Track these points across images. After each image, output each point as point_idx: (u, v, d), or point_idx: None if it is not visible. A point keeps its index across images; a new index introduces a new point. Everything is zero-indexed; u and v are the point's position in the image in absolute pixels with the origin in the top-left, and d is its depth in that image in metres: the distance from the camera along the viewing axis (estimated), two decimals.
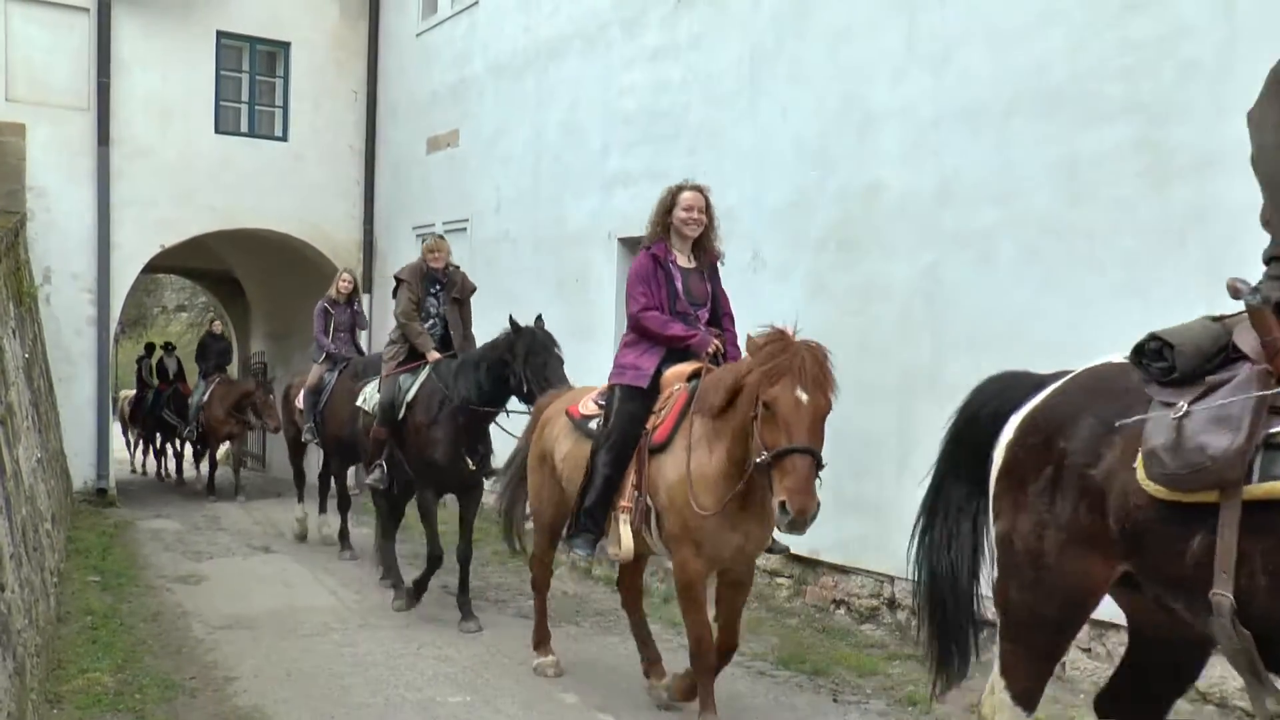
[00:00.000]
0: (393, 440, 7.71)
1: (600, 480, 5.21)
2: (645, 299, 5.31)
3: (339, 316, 10.25)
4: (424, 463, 7.40)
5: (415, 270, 7.89)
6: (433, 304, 7.91)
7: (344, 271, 10.61)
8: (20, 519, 5.64)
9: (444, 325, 7.87)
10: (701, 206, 5.43)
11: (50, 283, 12.37)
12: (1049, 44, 6.14)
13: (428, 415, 7.32)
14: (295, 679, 5.98)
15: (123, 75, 12.90)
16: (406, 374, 7.68)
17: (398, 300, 7.89)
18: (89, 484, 12.75)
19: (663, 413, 5.09)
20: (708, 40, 8.67)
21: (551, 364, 6.84)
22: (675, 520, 4.87)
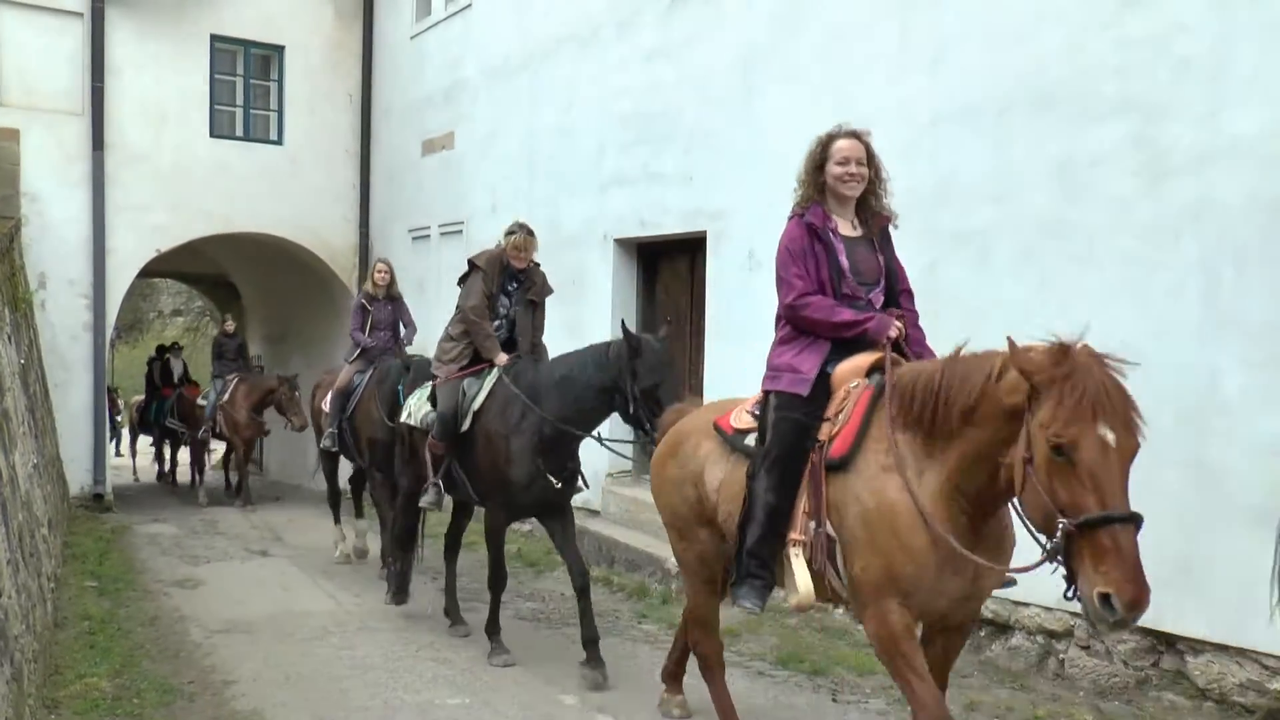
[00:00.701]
0: (454, 456, 6.63)
1: (762, 510, 4.11)
2: (802, 283, 4.21)
3: (378, 313, 9.44)
4: (498, 481, 6.32)
5: (494, 261, 6.74)
6: (504, 303, 6.83)
7: (379, 261, 9.80)
8: (16, 525, 5.62)
9: (510, 328, 6.79)
10: (861, 157, 4.37)
11: (45, 288, 12.35)
12: (1045, 43, 6.15)
13: (504, 426, 6.26)
14: (294, 682, 5.97)
15: (117, 79, 12.88)
16: (470, 379, 6.61)
17: (467, 291, 6.74)
18: (85, 489, 12.72)
19: (839, 418, 4.00)
20: (702, 40, 8.67)
21: (668, 386, 5.88)
22: (872, 561, 3.73)
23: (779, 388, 4.21)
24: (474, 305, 6.65)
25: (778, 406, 4.16)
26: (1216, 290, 5.34)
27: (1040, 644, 6.11)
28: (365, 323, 9.38)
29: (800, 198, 4.40)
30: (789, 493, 4.05)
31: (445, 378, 6.65)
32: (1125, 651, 5.67)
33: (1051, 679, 5.93)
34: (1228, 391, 5.19)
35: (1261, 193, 5.13)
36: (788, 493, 4.05)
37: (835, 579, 3.96)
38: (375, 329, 9.39)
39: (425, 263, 13.10)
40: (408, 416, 7.22)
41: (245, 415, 13.96)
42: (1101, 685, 5.72)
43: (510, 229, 6.75)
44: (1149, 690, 5.56)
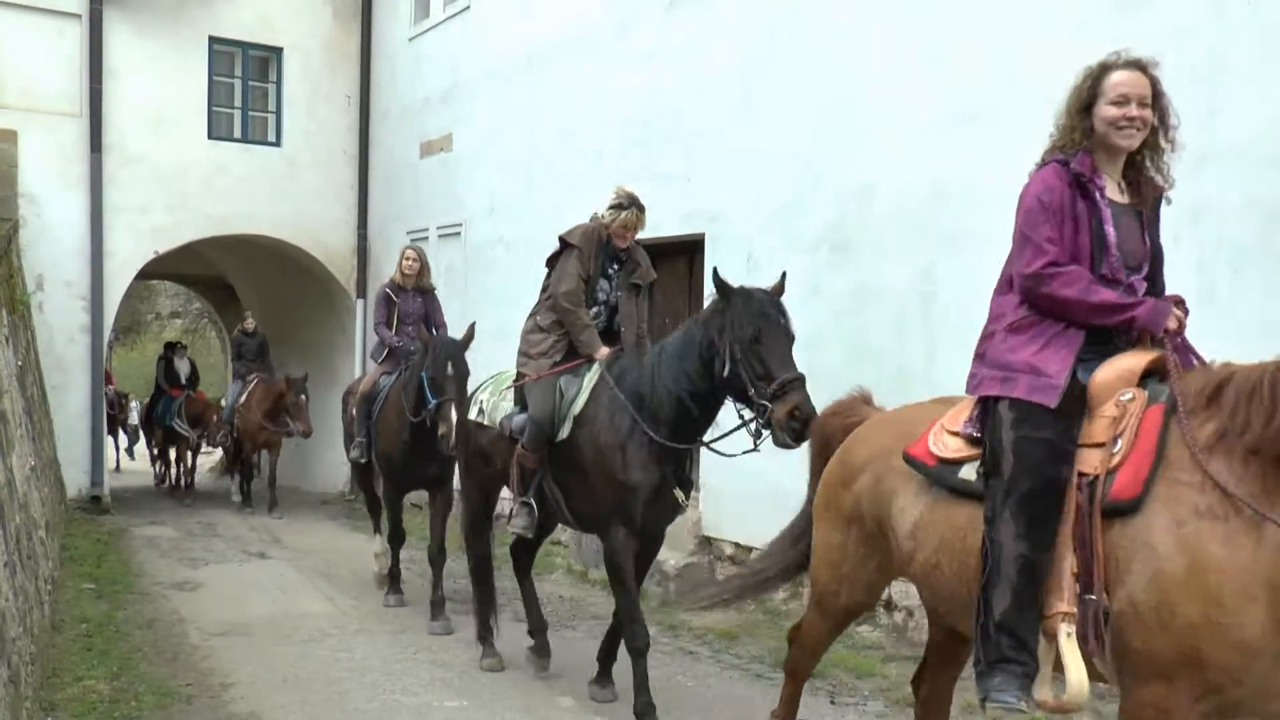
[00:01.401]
0: (549, 470, 5.56)
1: (1014, 566, 3.07)
2: (1053, 249, 3.26)
3: (405, 305, 8.44)
4: (615, 500, 5.23)
5: (591, 238, 5.69)
6: (604, 288, 5.80)
7: (408, 249, 8.74)
8: (14, 527, 5.62)
9: (609, 316, 5.84)
10: (1145, 96, 3.37)
11: (43, 290, 12.34)
12: (1043, 45, 6.15)
13: (615, 435, 5.24)
14: (292, 685, 5.96)
15: (115, 81, 12.87)
16: (567, 376, 5.59)
17: (560, 273, 5.70)
18: (83, 491, 12.70)
19: (1119, 443, 2.99)
20: (700, 43, 8.68)
21: (774, 338, 4.74)
22: (1170, 640, 2.77)
23: (1016, 394, 3.17)
24: (568, 291, 5.60)
25: (1017, 422, 3.14)
26: (1213, 292, 5.34)
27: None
28: (391, 317, 8.43)
29: (1059, 141, 3.47)
30: (1045, 542, 3.03)
31: (536, 374, 5.58)
32: None
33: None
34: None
35: (1259, 195, 5.14)
36: (1043, 542, 3.03)
37: (1101, 660, 3.05)
38: (403, 324, 8.40)
39: None
40: (478, 414, 6.17)
41: (258, 421, 13.36)
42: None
43: (618, 201, 5.64)
44: None
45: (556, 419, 5.45)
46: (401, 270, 8.51)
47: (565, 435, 5.41)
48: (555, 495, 5.58)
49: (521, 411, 5.65)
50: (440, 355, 6.98)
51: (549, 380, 5.56)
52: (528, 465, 5.55)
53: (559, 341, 5.67)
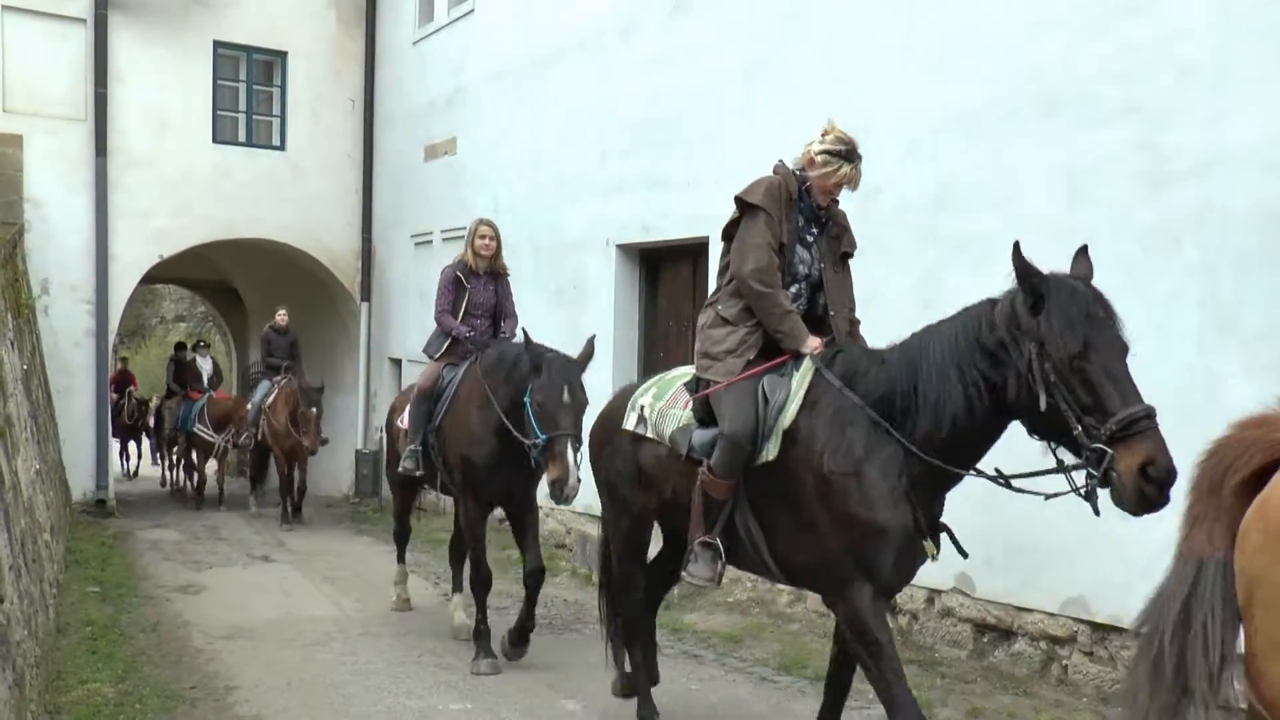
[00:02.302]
0: (745, 502, 4.28)
1: None
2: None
3: (477, 292, 7.10)
4: (853, 546, 3.91)
5: (779, 193, 4.41)
6: (803, 259, 4.50)
7: (481, 223, 7.25)
8: (19, 530, 5.63)
9: (810, 294, 4.57)
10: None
11: (48, 294, 12.36)
12: (1046, 48, 6.15)
13: (848, 458, 3.93)
14: (296, 688, 5.97)
15: (120, 85, 12.90)
16: (769, 377, 4.28)
17: (744, 246, 4.39)
18: (88, 495, 12.73)
19: None
20: (704, 47, 8.68)
21: (1106, 356, 3.43)
22: None
23: None
24: (758, 268, 4.31)
25: None
26: (1217, 296, 5.34)
27: (1043, 650, 6.10)
28: (459, 304, 7.06)
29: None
30: None
31: (727, 379, 4.31)
32: (1129, 658, 5.66)
33: (1054, 685, 5.92)
34: (1228, 397, 5.17)
35: (1264, 198, 5.13)
36: None
37: None
38: (470, 314, 7.08)
39: (428, 269, 13.09)
40: (637, 424, 4.83)
41: (284, 425, 12.57)
42: (1105, 691, 5.71)
43: (833, 147, 4.41)
44: None
45: (760, 434, 4.17)
46: (474, 249, 7.06)
47: (772, 456, 4.12)
48: (753, 535, 4.28)
49: (707, 426, 4.39)
50: (555, 378, 5.74)
51: (746, 385, 4.26)
52: (716, 495, 4.22)
53: (751, 334, 4.40)
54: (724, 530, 4.30)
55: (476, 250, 7.06)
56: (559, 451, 5.61)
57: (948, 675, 6.15)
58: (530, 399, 5.83)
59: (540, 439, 5.70)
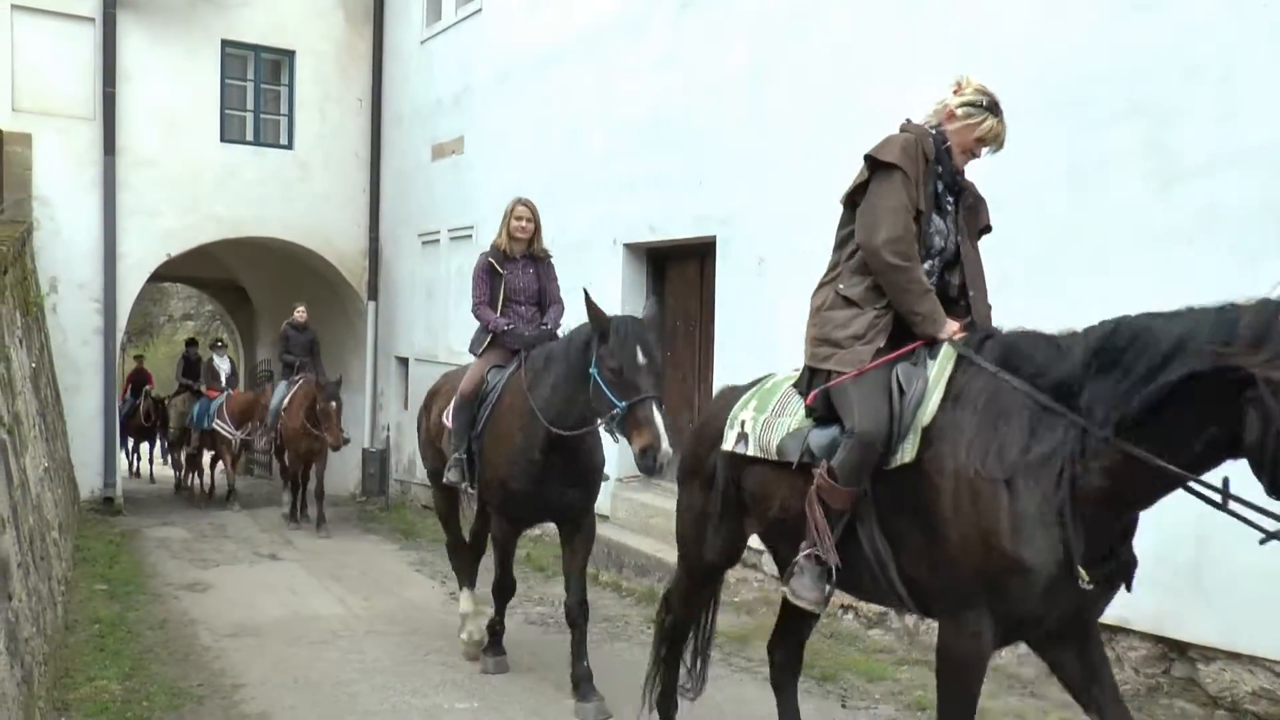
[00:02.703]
0: (871, 513, 3.62)
1: None
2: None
3: (515, 278, 6.42)
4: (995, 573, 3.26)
5: (915, 152, 3.84)
6: (939, 229, 3.90)
7: (518, 204, 6.51)
8: (28, 528, 5.64)
9: (941, 271, 3.93)
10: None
11: (56, 292, 12.41)
12: (1053, 48, 6.14)
13: (998, 462, 3.29)
14: (303, 686, 5.97)
15: (128, 85, 12.94)
16: (902, 366, 3.63)
17: (873, 212, 3.76)
18: (96, 493, 12.78)
19: None
20: (710, 46, 8.68)
21: None
22: None
23: None
24: (892, 237, 3.66)
25: None
26: (1229, 296, 5.31)
27: None
28: (496, 293, 6.40)
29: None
30: None
31: (856, 369, 3.64)
32: (1136, 659, 5.65)
33: (1061, 686, 5.89)
34: None
35: (1275, 196, 5.11)
36: None
37: None
38: (511, 302, 6.40)
39: (435, 268, 13.13)
40: (738, 442, 4.12)
41: (300, 426, 12.04)
42: None
43: (975, 99, 4.10)
44: (1160, 698, 5.53)
45: (895, 433, 3.52)
46: (509, 231, 6.42)
47: (908, 458, 3.48)
48: (879, 553, 3.61)
49: (826, 425, 3.75)
50: (627, 339, 5.07)
51: (876, 376, 3.62)
52: (835, 504, 3.59)
53: (881, 316, 3.73)
54: (841, 547, 3.65)
55: (512, 232, 6.40)
56: (644, 416, 4.90)
57: None
58: (599, 367, 5.13)
59: (620, 407, 4.98)
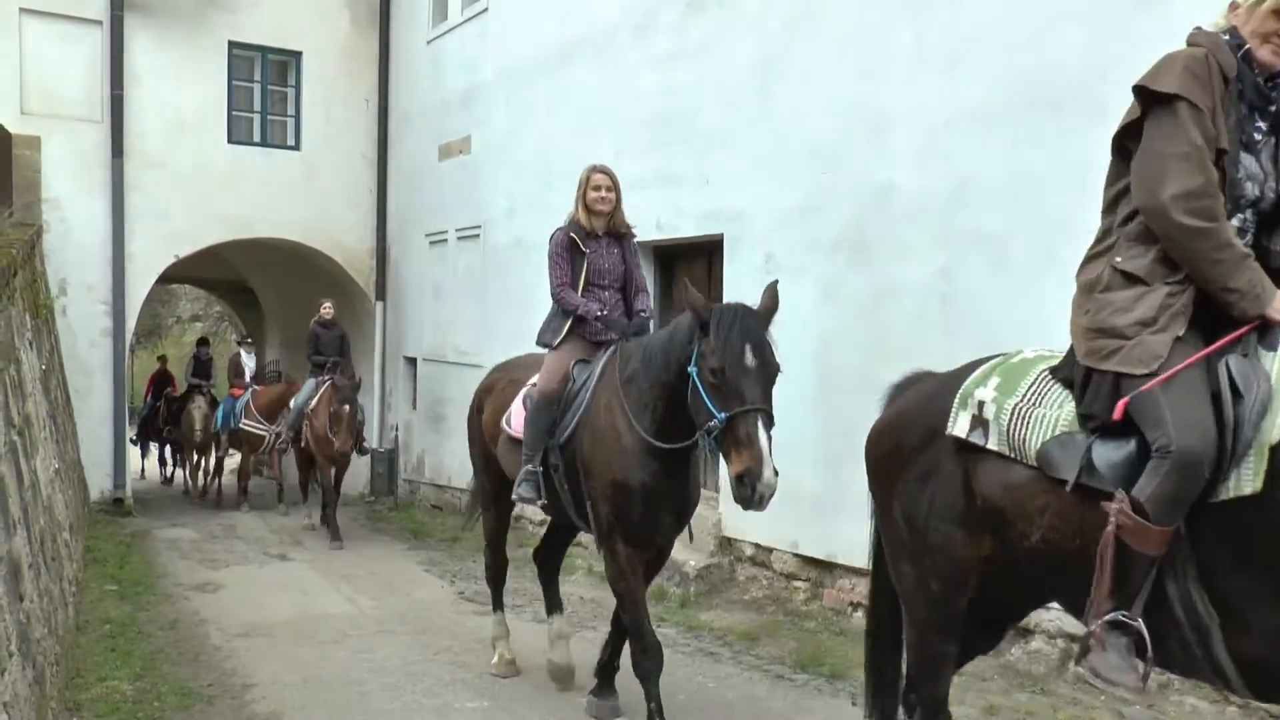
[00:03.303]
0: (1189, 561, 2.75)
1: None
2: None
3: (599, 258, 5.51)
4: None
5: (1206, 72, 2.95)
6: (1251, 171, 2.98)
7: (595, 172, 5.56)
8: (39, 529, 5.66)
9: (1257, 228, 3.04)
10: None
11: (66, 294, 12.44)
12: (1061, 43, 6.12)
13: None
14: (313, 686, 5.99)
15: (136, 87, 12.97)
16: (1236, 360, 2.78)
17: (1156, 157, 2.92)
18: (106, 494, 12.82)
19: None
20: (718, 44, 8.67)
21: None
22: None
23: None
24: (1187, 190, 2.82)
25: None
26: None
27: (1061, 647, 6.08)
28: (578, 273, 5.46)
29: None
30: None
31: (1153, 369, 2.82)
32: None
33: (1072, 683, 5.90)
34: None
35: None
36: None
37: None
38: (593, 286, 5.48)
39: (443, 268, 13.14)
40: (973, 429, 3.26)
41: (325, 426, 11.37)
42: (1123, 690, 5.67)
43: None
44: (1170, 695, 5.52)
45: (1226, 452, 2.66)
46: (587, 204, 5.51)
47: (1249, 489, 2.61)
48: (1199, 616, 2.73)
49: (1112, 436, 2.87)
50: (732, 335, 4.28)
51: (1191, 376, 2.76)
52: (1146, 548, 2.70)
53: (1177, 294, 2.88)
54: (1149, 603, 2.76)
55: (591, 205, 5.49)
56: (747, 433, 4.11)
57: (965, 673, 6.09)
58: (698, 368, 4.38)
59: (718, 419, 4.18)
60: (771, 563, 7.99)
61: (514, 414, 5.58)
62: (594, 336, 5.42)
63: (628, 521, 4.92)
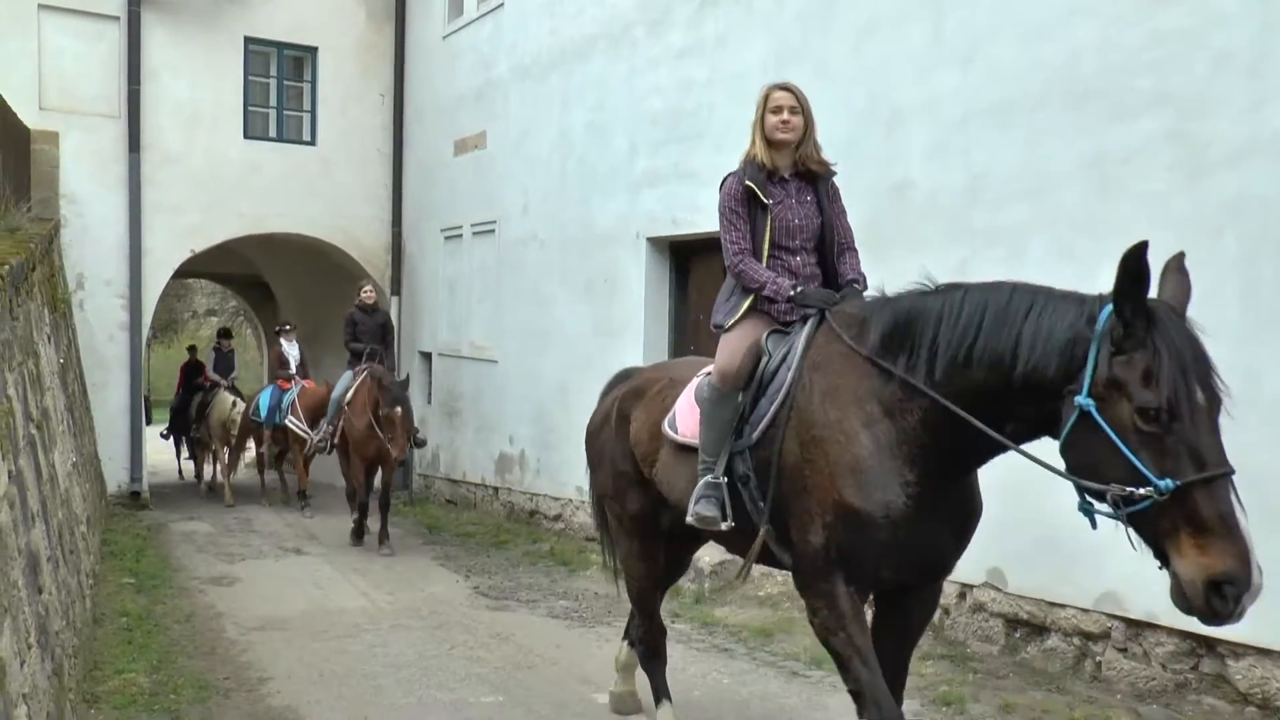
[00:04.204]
0: None
1: None
2: None
3: (786, 211, 4.19)
4: None
5: None
6: None
7: (775, 89, 4.27)
8: (57, 522, 5.70)
9: None
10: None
11: (83, 289, 12.52)
12: (1078, 37, 6.08)
13: None
14: (328, 680, 6.01)
15: (152, 83, 13.03)
16: None
17: None
18: (123, 487, 12.90)
19: None
20: (733, 39, 8.65)
21: None
22: None
23: None
24: None
25: None
26: (1257, 288, 5.26)
27: (1077, 646, 6.06)
28: (759, 235, 4.16)
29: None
30: None
31: None
32: (1163, 654, 5.61)
33: (1088, 681, 5.88)
34: (1268, 393, 5.11)
35: None
36: None
37: None
38: (780, 248, 4.18)
39: (458, 263, 13.16)
40: None
41: (366, 427, 10.30)
42: (1139, 688, 5.66)
43: None
44: (1188, 694, 5.49)
45: None
46: (765, 133, 4.22)
47: None
48: None
49: None
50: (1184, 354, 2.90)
51: None
52: None
53: None
54: None
55: (769, 134, 4.19)
56: (1219, 515, 2.72)
57: (979, 670, 6.11)
58: (1103, 400, 2.91)
59: (1159, 487, 2.76)
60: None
61: (680, 415, 4.35)
62: (786, 315, 4.09)
63: (859, 558, 3.53)
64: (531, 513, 11.31)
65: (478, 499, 12.61)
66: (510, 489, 11.80)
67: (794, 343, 3.90)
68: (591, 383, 10.34)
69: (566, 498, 10.59)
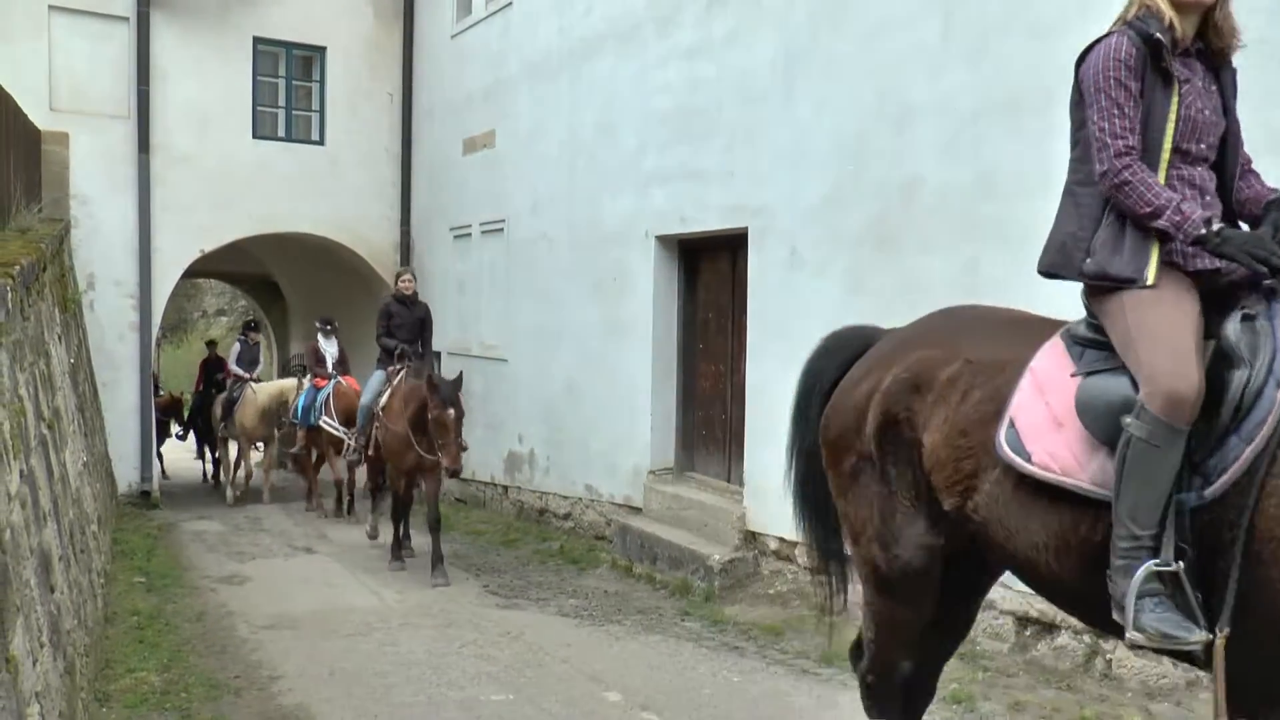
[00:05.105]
0: None
1: None
2: None
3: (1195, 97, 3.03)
4: None
5: None
6: None
7: None
8: (68, 522, 5.72)
9: None
10: None
11: (94, 289, 12.56)
12: (1089, 34, 6.05)
13: None
14: (339, 678, 6.02)
15: (162, 83, 13.06)
16: None
17: None
18: (133, 486, 12.94)
19: None
20: (742, 37, 8.64)
21: None
22: None
23: None
24: None
25: None
26: None
27: (1087, 644, 6.03)
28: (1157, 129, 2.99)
29: None
30: None
31: None
32: None
33: (1099, 679, 5.86)
34: None
35: None
36: None
37: None
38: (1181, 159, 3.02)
39: (467, 261, 13.18)
40: None
41: (405, 432, 8.90)
42: (1150, 686, 5.64)
43: None
44: (1199, 692, 5.47)
45: None
46: None
47: None
48: None
49: None
50: None
51: None
52: None
53: None
54: None
55: None
56: None
57: (990, 669, 6.10)
58: None
59: None
60: (796, 557, 7.97)
61: (1029, 428, 2.96)
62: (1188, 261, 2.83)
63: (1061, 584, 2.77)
64: (541, 511, 11.32)
65: (487, 498, 12.63)
66: (520, 488, 11.81)
67: (1277, 336, 2.57)
68: (600, 381, 10.39)
69: (576, 496, 10.59)
